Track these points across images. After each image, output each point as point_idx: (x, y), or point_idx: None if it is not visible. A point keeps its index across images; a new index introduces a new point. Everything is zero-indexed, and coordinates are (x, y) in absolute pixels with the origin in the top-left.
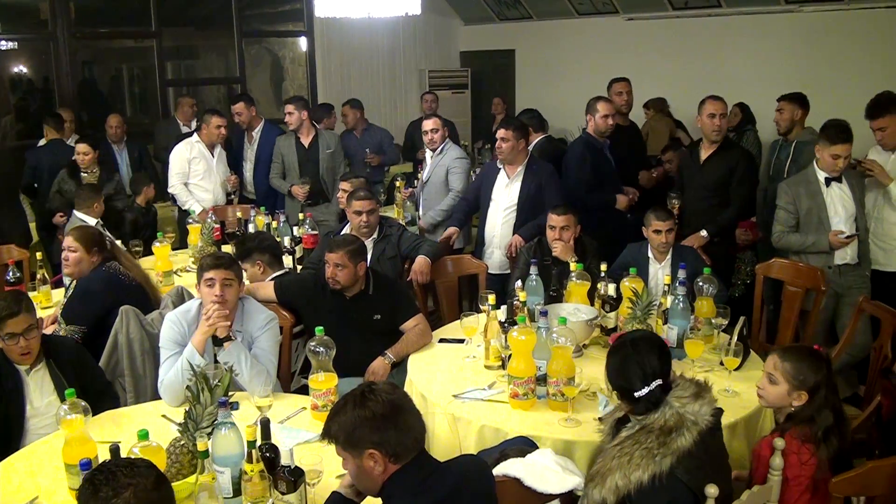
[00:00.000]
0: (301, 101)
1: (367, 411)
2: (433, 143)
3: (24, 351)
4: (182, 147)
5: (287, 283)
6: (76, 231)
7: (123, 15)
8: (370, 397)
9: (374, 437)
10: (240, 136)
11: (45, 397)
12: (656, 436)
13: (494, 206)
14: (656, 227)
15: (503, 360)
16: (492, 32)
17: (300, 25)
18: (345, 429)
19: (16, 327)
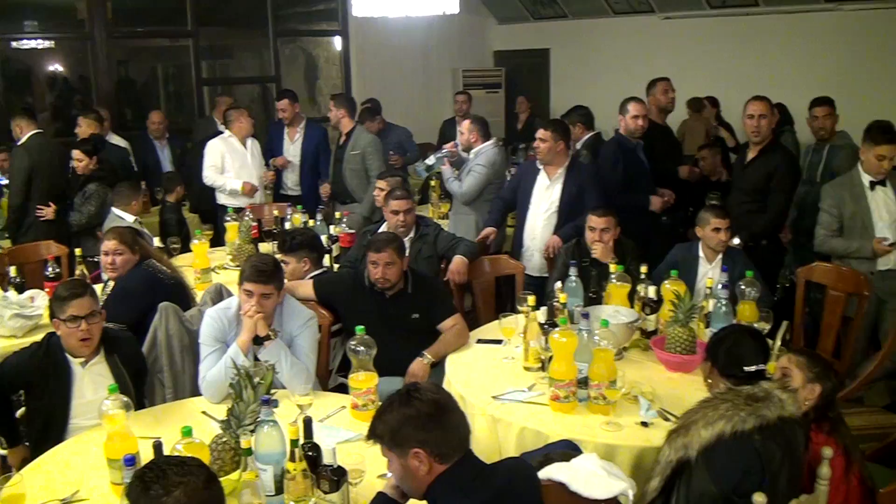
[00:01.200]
0: (342, 100)
1: (412, 410)
2: (468, 144)
3: (84, 336)
4: (216, 142)
5: (326, 282)
6: (117, 233)
7: (160, 15)
8: (415, 396)
9: (419, 437)
10: (279, 134)
11: (99, 392)
12: (744, 398)
13: (534, 209)
14: (716, 226)
15: (543, 361)
16: (526, 31)
17: (335, 25)
18: (390, 428)
19: (79, 310)
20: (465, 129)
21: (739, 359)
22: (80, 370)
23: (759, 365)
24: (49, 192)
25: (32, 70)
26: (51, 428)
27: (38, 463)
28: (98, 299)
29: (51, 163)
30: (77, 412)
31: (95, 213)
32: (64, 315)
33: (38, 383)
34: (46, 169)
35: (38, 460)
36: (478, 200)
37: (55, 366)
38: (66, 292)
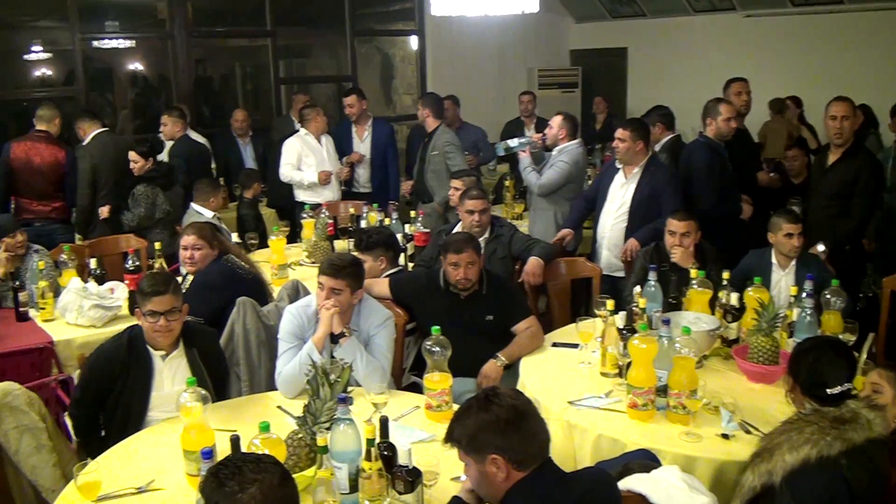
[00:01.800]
0: (430, 101)
1: (490, 415)
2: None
3: (163, 330)
4: (293, 140)
5: (401, 281)
6: (196, 228)
7: (239, 14)
8: (494, 401)
9: (497, 443)
10: (347, 133)
11: (178, 385)
12: (830, 421)
13: (608, 207)
14: (788, 231)
15: (620, 367)
16: (604, 30)
17: (411, 24)
18: (468, 432)
19: (159, 306)
20: (555, 125)
21: (822, 378)
22: (161, 363)
23: (843, 385)
24: (115, 190)
25: (113, 69)
26: (129, 419)
27: (115, 451)
28: (181, 295)
29: (115, 161)
30: (155, 404)
31: (145, 216)
32: (144, 309)
33: (121, 374)
34: (110, 168)
35: (114, 448)
36: (557, 197)
37: (137, 357)
38: (149, 288)
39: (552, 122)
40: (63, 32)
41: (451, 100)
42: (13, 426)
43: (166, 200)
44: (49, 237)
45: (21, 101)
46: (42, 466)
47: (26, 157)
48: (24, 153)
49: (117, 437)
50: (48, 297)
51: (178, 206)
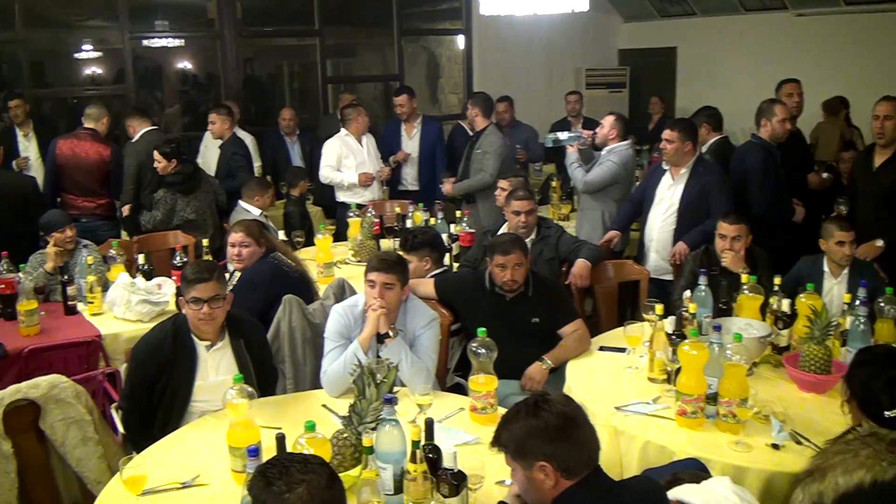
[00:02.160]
0: (481, 101)
1: (539, 422)
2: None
3: (205, 318)
4: (333, 141)
5: (447, 281)
6: (244, 226)
7: (287, 14)
8: (544, 407)
9: (545, 450)
10: (396, 131)
11: (221, 375)
12: (887, 444)
13: (655, 209)
14: (839, 239)
15: (669, 373)
16: (653, 29)
17: (458, 24)
18: (516, 438)
19: (203, 293)
20: (606, 124)
21: (876, 399)
22: (205, 353)
23: None
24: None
25: (163, 67)
26: (172, 409)
27: (160, 446)
28: (225, 283)
29: None
30: (199, 394)
31: (161, 220)
32: (188, 296)
33: (166, 364)
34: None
35: (160, 443)
36: (604, 198)
37: (182, 347)
38: (193, 276)
39: (604, 121)
40: (113, 32)
41: (507, 101)
42: (60, 418)
43: (188, 206)
44: (94, 233)
45: (72, 98)
46: (88, 458)
47: (72, 153)
48: (71, 150)
49: (162, 428)
50: (96, 292)
51: (204, 209)
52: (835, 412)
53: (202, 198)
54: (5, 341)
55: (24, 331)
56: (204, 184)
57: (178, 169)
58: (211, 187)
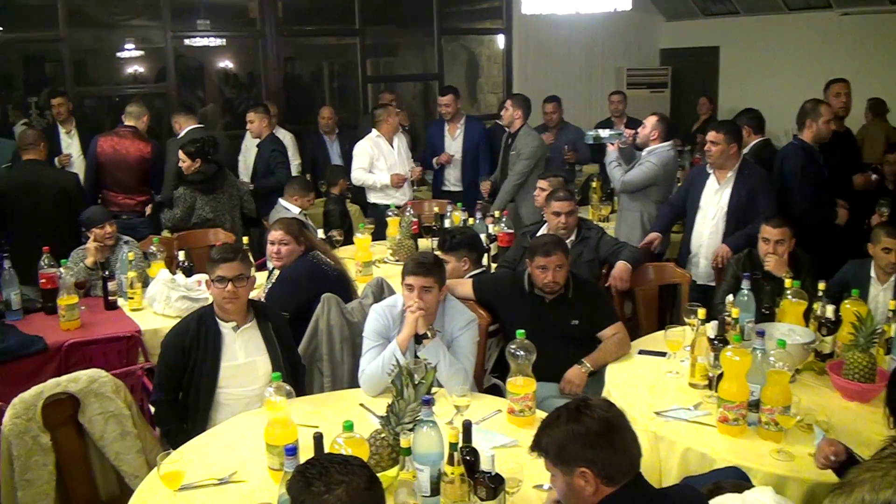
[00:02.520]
0: (520, 100)
1: (581, 427)
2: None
3: (229, 297)
4: (364, 143)
5: (485, 282)
6: (284, 224)
7: (328, 14)
8: (585, 412)
9: (586, 455)
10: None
11: (251, 356)
12: None
13: (702, 214)
14: (886, 245)
15: (710, 379)
16: (695, 28)
17: (499, 23)
18: (556, 443)
19: (227, 272)
20: (648, 125)
21: None
22: (232, 334)
23: None
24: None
25: (204, 66)
26: (200, 393)
27: (198, 441)
28: (250, 265)
29: None
30: (227, 375)
31: (181, 218)
32: (213, 276)
33: (191, 347)
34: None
35: (198, 439)
36: (644, 199)
37: (207, 330)
38: (218, 255)
39: (646, 121)
40: (155, 31)
41: (555, 101)
42: (99, 412)
43: (206, 206)
44: (133, 230)
45: (114, 96)
46: (125, 452)
47: (113, 151)
48: (112, 148)
49: (193, 417)
50: (137, 288)
51: (223, 210)
52: (878, 422)
53: (222, 199)
54: (46, 335)
55: (65, 325)
56: (228, 186)
57: (200, 168)
58: (237, 191)
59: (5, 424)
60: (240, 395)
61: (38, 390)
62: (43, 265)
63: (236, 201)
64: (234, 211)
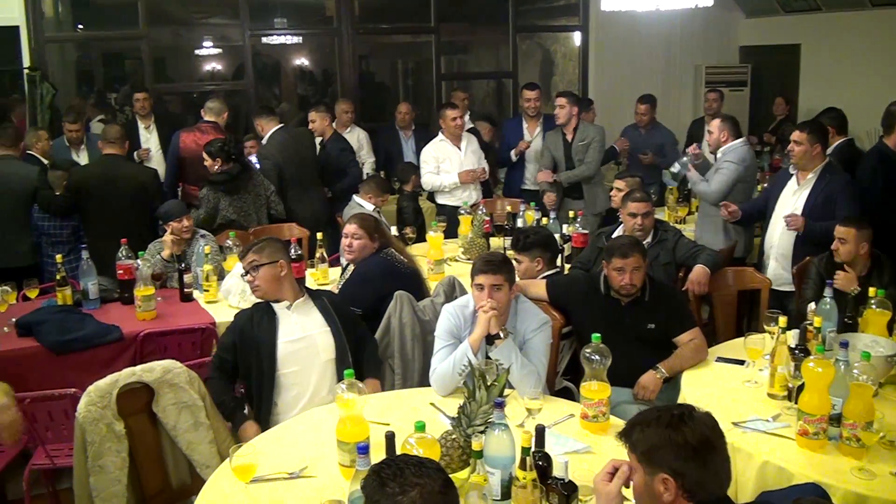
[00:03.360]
0: (573, 97)
1: (678, 436)
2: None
3: (251, 285)
4: (430, 147)
5: (559, 283)
6: (359, 219)
7: (403, 11)
8: (687, 423)
9: (675, 465)
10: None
11: (308, 331)
12: None
13: (777, 214)
14: None
15: (790, 390)
16: (776, 25)
17: (575, 20)
18: (650, 443)
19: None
20: (714, 129)
21: None
22: (286, 312)
23: None
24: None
25: (281, 64)
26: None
27: (270, 435)
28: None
29: (293, 156)
30: (286, 353)
31: (205, 218)
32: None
33: (245, 328)
34: (293, 162)
35: (270, 433)
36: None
37: (261, 312)
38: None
39: (711, 126)
40: (234, 29)
41: (649, 102)
42: (172, 402)
43: (230, 206)
44: None
45: (192, 93)
46: (198, 443)
47: (196, 146)
48: (194, 143)
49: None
50: (212, 281)
51: (247, 211)
52: None
53: (247, 200)
54: (122, 325)
55: (141, 315)
56: (253, 186)
57: (224, 169)
58: (263, 191)
59: (80, 411)
60: (302, 376)
61: (114, 379)
62: (121, 256)
63: (262, 202)
64: (260, 212)
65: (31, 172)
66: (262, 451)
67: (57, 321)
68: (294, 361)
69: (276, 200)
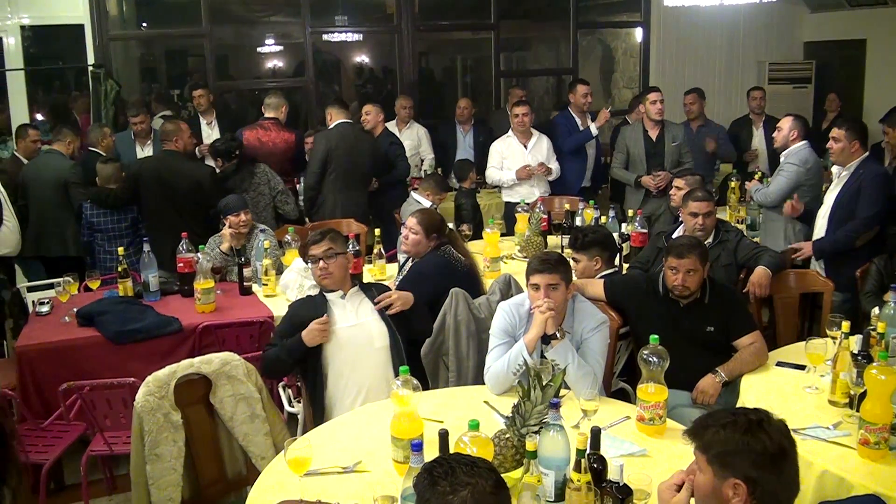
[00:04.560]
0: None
1: (756, 443)
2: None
3: (322, 273)
4: (497, 143)
5: (618, 283)
6: (421, 214)
7: (463, 8)
8: (766, 429)
9: (750, 473)
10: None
11: (361, 318)
12: None
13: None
14: None
15: (852, 397)
16: (841, 20)
17: (636, 16)
18: (724, 445)
19: (316, 251)
20: (785, 126)
21: None
22: (340, 300)
23: None
24: (344, 176)
25: (341, 61)
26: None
27: (325, 429)
28: (343, 244)
29: (350, 150)
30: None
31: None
32: (308, 258)
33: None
34: (342, 156)
35: (325, 426)
36: None
37: (316, 301)
38: (309, 239)
39: (782, 124)
40: (295, 26)
41: (694, 92)
42: (229, 394)
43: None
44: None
45: (254, 90)
46: (254, 434)
47: (259, 143)
48: (257, 139)
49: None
50: (271, 275)
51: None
52: None
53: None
54: (182, 317)
55: (200, 308)
56: (256, 185)
57: (223, 167)
58: (269, 190)
59: (139, 401)
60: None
61: (172, 370)
62: (182, 250)
63: (267, 200)
64: (265, 211)
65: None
66: (317, 445)
67: (118, 312)
68: (348, 347)
69: (283, 200)
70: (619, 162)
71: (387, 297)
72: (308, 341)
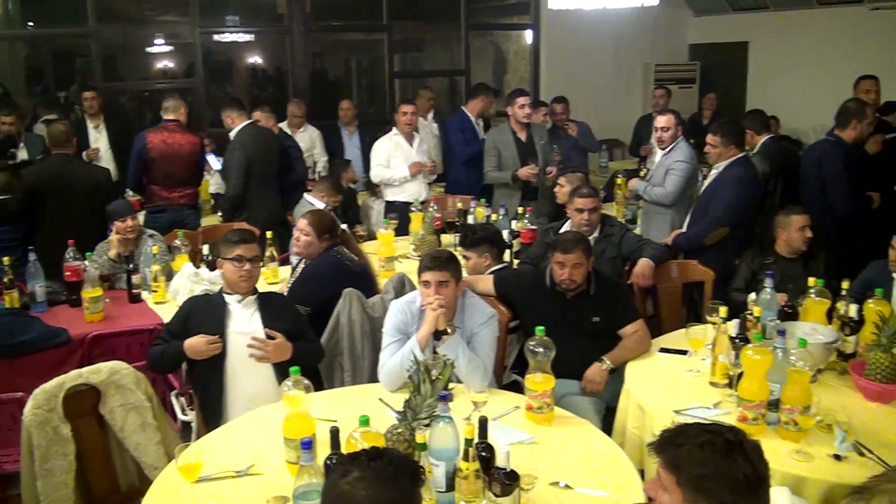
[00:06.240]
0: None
1: (733, 468)
2: (661, 142)
3: (245, 276)
4: (382, 141)
5: (506, 278)
6: (312, 216)
7: (356, 9)
8: (742, 452)
9: (727, 498)
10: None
11: (254, 325)
12: None
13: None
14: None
15: (731, 378)
16: (724, 24)
17: (526, 18)
18: (698, 471)
19: (246, 252)
20: (670, 124)
21: None
22: (237, 305)
23: None
24: (265, 179)
25: (233, 62)
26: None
27: (216, 435)
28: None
29: (265, 152)
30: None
31: None
32: (231, 255)
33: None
34: (260, 159)
35: (217, 432)
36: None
37: (212, 302)
38: (237, 237)
39: (666, 122)
40: (184, 26)
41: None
42: (119, 404)
43: None
44: (182, 224)
45: (143, 92)
46: (145, 444)
47: (166, 146)
48: (163, 142)
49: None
50: (160, 281)
51: None
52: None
53: None
54: (70, 327)
55: (89, 317)
56: None
57: None
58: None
59: (27, 415)
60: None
61: (60, 381)
62: (68, 258)
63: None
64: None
65: None
66: (210, 450)
67: (4, 324)
68: (242, 351)
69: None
70: (491, 164)
71: (264, 346)
72: (191, 354)
